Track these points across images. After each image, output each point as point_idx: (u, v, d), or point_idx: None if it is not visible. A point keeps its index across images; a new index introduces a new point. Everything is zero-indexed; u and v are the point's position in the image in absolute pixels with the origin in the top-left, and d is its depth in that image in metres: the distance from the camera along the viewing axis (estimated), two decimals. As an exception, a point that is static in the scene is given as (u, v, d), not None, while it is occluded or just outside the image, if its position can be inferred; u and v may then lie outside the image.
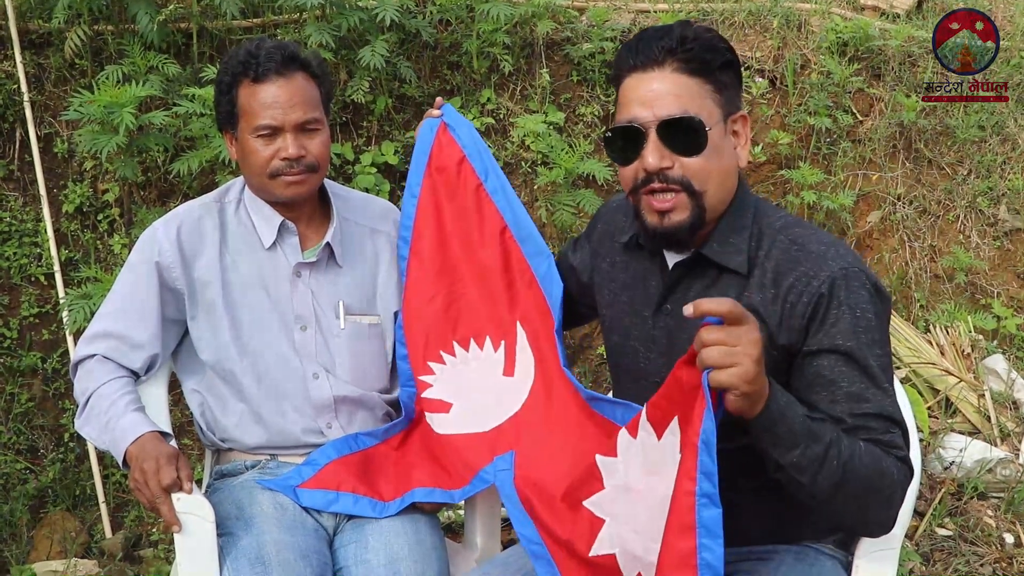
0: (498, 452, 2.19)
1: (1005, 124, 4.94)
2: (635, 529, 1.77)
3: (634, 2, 5.00)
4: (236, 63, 2.24)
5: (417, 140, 2.48)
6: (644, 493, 1.76)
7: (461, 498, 2.21)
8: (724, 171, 1.84)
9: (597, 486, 1.91)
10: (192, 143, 3.79)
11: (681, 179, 1.80)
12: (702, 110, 1.79)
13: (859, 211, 4.76)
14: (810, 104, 4.69)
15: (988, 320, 4.49)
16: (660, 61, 1.80)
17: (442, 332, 2.35)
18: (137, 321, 2.29)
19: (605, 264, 2.13)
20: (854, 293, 1.76)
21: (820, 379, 1.75)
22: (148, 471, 2.00)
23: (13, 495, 3.59)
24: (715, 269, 1.87)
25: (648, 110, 1.80)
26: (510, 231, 2.35)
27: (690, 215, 1.82)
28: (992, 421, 4.05)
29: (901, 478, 1.70)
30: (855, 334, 1.74)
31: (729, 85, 1.84)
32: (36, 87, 3.98)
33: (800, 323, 1.77)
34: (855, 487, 1.65)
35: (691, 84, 1.80)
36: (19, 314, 3.84)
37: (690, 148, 1.79)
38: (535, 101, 4.44)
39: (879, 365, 1.75)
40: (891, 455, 1.70)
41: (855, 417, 1.71)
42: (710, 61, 1.80)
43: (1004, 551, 3.56)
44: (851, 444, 1.65)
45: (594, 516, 1.90)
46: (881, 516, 1.72)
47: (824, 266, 1.78)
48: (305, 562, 2.06)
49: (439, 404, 2.32)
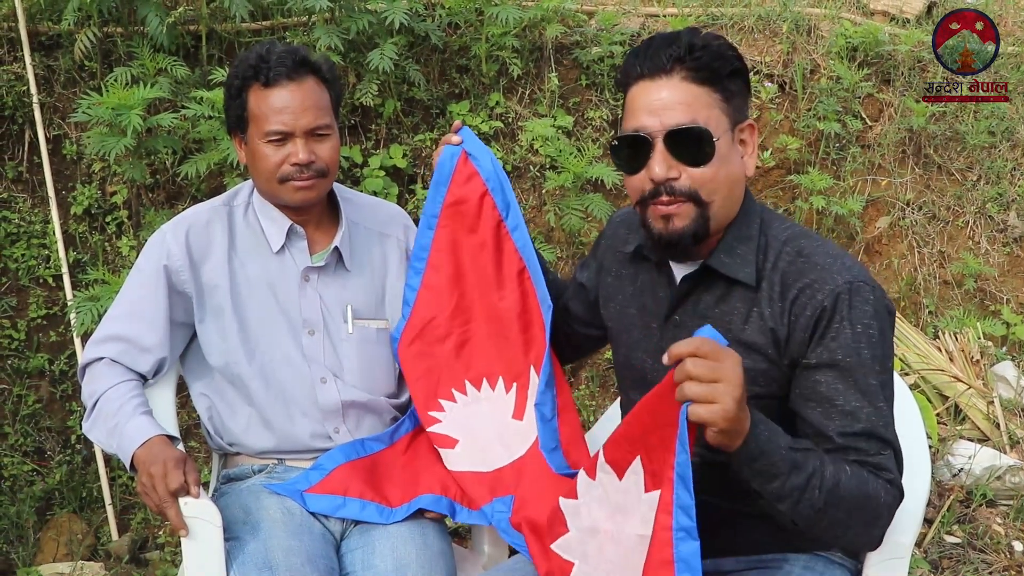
0: (498, 494, 2.21)
1: (1015, 130, 4.93)
2: (608, 572, 1.76)
3: (643, 6, 4.99)
4: (246, 67, 2.24)
5: (436, 168, 2.38)
6: (613, 533, 1.75)
7: (461, 520, 2.22)
8: (731, 181, 1.82)
9: (561, 529, 1.90)
10: (200, 145, 3.79)
11: (688, 190, 1.78)
12: (710, 119, 1.77)
13: (868, 216, 4.75)
14: (819, 109, 4.68)
15: (997, 326, 4.47)
16: (668, 69, 1.78)
17: (455, 371, 2.33)
18: (145, 324, 2.29)
19: (611, 278, 2.12)
20: (857, 308, 1.74)
21: (816, 394, 1.74)
22: (155, 475, 2.00)
23: (20, 497, 3.59)
24: (724, 281, 1.85)
25: (655, 119, 1.78)
26: (528, 272, 2.31)
27: (694, 223, 1.80)
28: (1001, 428, 4.03)
29: (889, 500, 1.69)
30: (856, 350, 1.73)
31: (737, 94, 1.82)
32: (45, 89, 3.98)
33: (803, 336, 1.76)
34: (837, 513, 1.65)
35: (699, 93, 1.77)
36: (27, 316, 3.84)
37: (698, 158, 1.77)
38: (544, 105, 4.43)
39: (878, 382, 1.74)
40: (880, 478, 1.69)
41: (846, 437, 1.70)
42: (718, 69, 1.78)
43: (1013, 559, 3.55)
44: (836, 471, 1.64)
45: (563, 559, 1.89)
46: (864, 538, 1.73)
47: (829, 279, 1.77)
48: (312, 567, 2.05)
49: (446, 439, 2.31)
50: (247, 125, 2.26)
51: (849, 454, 1.69)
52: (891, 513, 1.71)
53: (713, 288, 1.87)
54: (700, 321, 1.87)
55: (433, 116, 4.37)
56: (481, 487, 2.23)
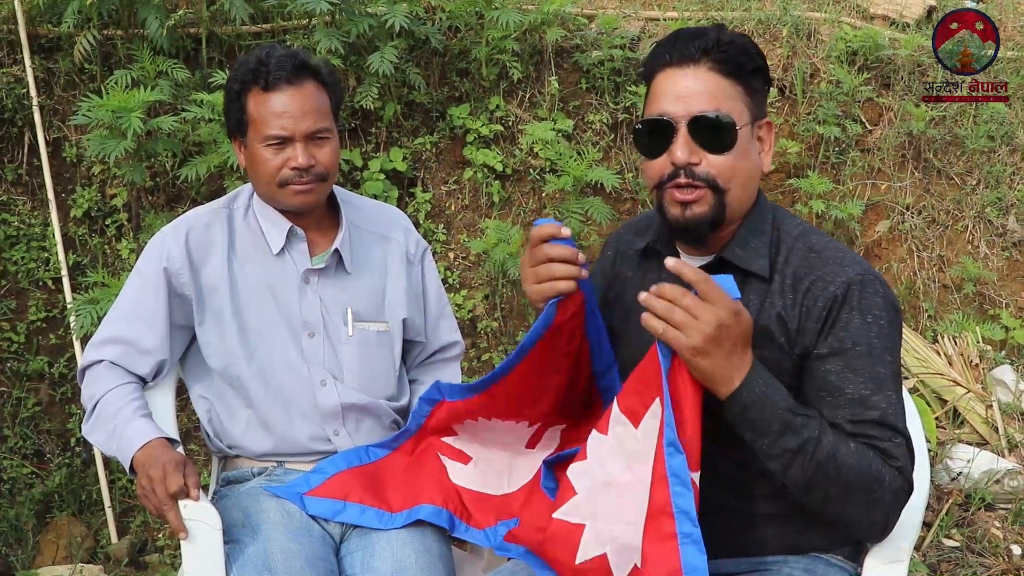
0: (503, 518, 2.19)
1: (1015, 134, 4.94)
2: (626, 521, 1.76)
3: (643, 10, 5.00)
4: (246, 70, 2.23)
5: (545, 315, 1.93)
6: (632, 483, 1.75)
7: (459, 535, 2.20)
8: (749, 173, 1.86)
9: (568, 495, 1.89)
10: (200, 148, 3.80)
11: (707, 176, 1.82)
12: (733, 110, 1.81)
13: (868, 220, 4.75)
14: (819, 113, 4.68)
15: (996, 331, 4.47)
16: (696, 59, 1.81)
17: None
18: (145, 327, 2.29)
19: (619, 285, 2.11)
20: (868, 299, 1.78)
21: (827, 384, 1.77)
22: (155, 478, 2.00)
23: (19, 500, 3.59)
24: (738, 273, 1.86)
25: (680, 105, 1.81)
26: (591, 362, 2.06)
27: (711, 210, 1.83)
28: (1000, 432, 4.03)
29: (895, 487, 1.71)
30: (866, 338, 1.76)
31: (758, 90, 1.87)
32: (45, 91, 3.98)
33: (815, 327, 1.79)
34: (832, 487, 1.69)
35: (725, 84, 1.81)
36: (27, 318, 3.85)
37: (719, 146, 1.81)
38: (544, 108, 4.44)
39: (888, 372, 1.76)
40: (889, 464, 1.71)
41: (856, 424, 1.73)
42: (743, 64, 1.82)
43: (1011, 563, 3.55)
44: (835, 443, 1.68)
45: (570, 524, 1.87)
46: (864, 521, 1.75)
47: (841, 271, 1.81)
48: (312, 569, 2.05)
49: (459, 454, 2.28)
50: (247, 129, 2.26)
51: (859, 440, 1.71)
52: (897, 500, 1.73)
53: None
54: None
55: (433, 119, 4.38)
56: (488, 510, 2.21)
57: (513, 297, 4.22)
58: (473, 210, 4.37)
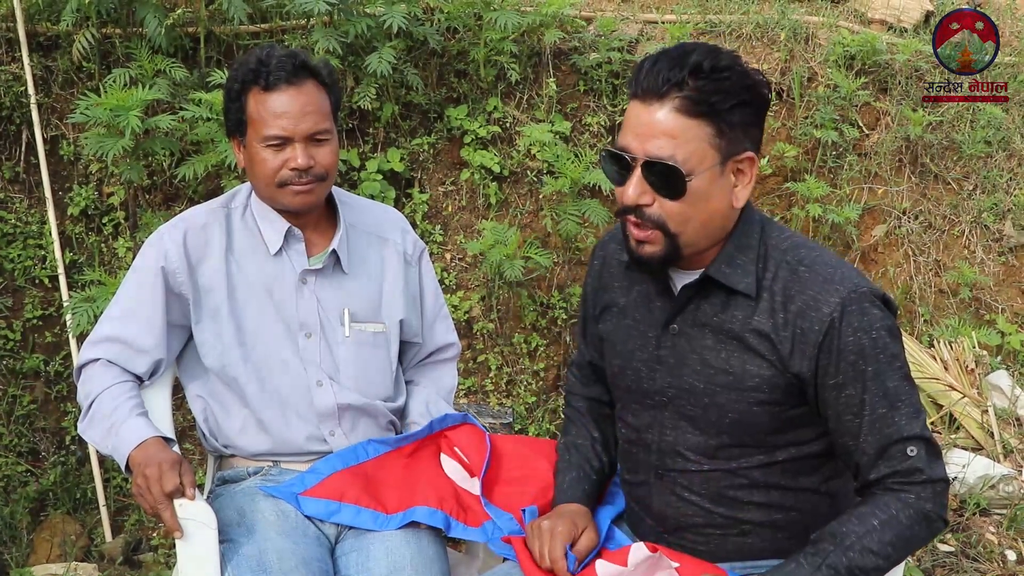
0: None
1: (1011, 140, 4.95)
2: None
3: (642, 12, 5.00)
4: (246, 70, 2.23)
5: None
6: None
7: (455, 535, 2.20)
8: (708, 214, 1.80)
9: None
10: (198, 147, 3.79)
11: (658, 219, 1.78)
12: (693, 155, 1.73)
13: (864, 225, 4.76)
14: (816, 117, 4.69)
15: (992, 336, 4.48)
16: (661, 95, 1.72)
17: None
18: (142, 326, 2.28)
19: (607, 295, 2.09)
20: (866, 315, 1.76)
21: (849, 410, 1.78)
22: (151, 477, 1.99)
23: (14, 498, 3.59)
24: (724, 291, 1.85)
25: (638, 143, 1.76)
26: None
27: (663, 250, 1.81)
28: (995, 437, 4.04)
29: (922, 531, 1.76)
30: (873, 356, 1.76)
31: (738, 124, 1.76)
32: (43, 89, 3.98)
33: (812, 351, 1.78)
34: (881, 570, 1.75)
35: (689, 126, 1.72)
36: (23, 316, 3.84)
37: (671, 192, 1.76)
38: (541, 110, 4.44)
39: (899, 381, 1.78)
40: (908, 493, 1.76)
41: (879, 451, 1.76)
42: (716, 104, 1.72)
43: (1006, 568, 3.55)
44: (862, 543, 1.73)
45: None
46: (911, 552, 1.82)
47: (832, 290, 1.78)
48: (307, 569, 2.05)
49: (461, 460, 2.31)
50: (246, 129, 2.26)
51: (882, 469, 1.77)
52: (930, 529, 1.78)
53: (712, 297, 1.87)
54: (699, 329, 1.87)
55: (431, 120, 4.38)
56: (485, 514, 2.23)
57: (509, 299, 4.22)
58: (470, 211, 4.37)
